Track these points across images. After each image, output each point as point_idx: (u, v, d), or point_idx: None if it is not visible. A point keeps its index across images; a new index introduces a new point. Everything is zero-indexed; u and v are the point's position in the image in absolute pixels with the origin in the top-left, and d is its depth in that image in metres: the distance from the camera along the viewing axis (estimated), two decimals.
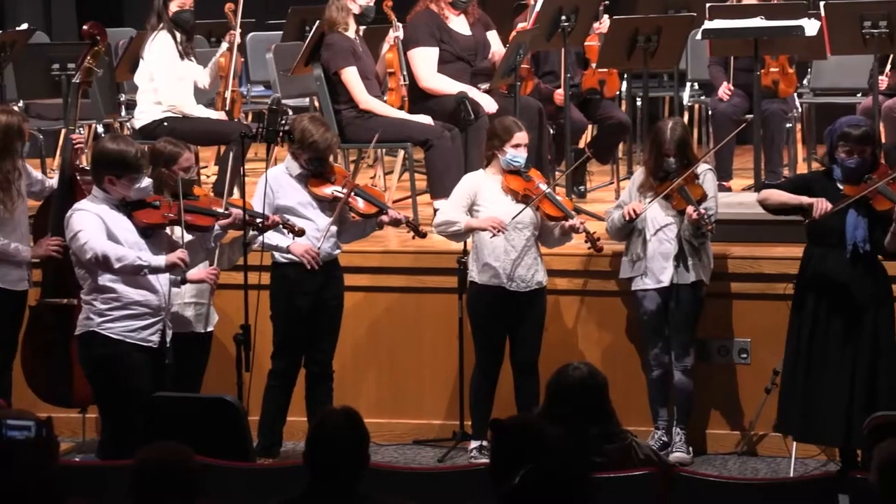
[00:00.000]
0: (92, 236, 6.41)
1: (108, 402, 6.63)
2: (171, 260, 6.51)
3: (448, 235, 7.57)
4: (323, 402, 7.38)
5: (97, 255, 6.39)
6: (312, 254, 7.24)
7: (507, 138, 7.51)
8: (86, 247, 6.40)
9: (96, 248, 6.40)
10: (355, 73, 8.67)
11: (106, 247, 6.43)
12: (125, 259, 6.43)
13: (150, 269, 6.48)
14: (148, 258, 6.47)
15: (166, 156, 7.02)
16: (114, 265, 6.41)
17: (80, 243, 6.41)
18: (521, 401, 7.53)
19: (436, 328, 8.02)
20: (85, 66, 7.64)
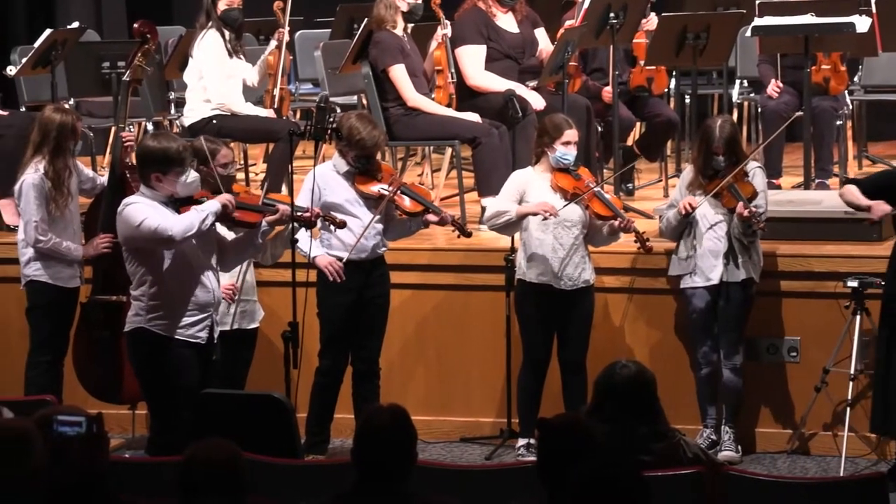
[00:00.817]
0: (159, 218, 6.41)
1: (157, 399, 6.65)
2: (222, 200, 6.54)
3: (499, 227, 7.54)
4: (370, 399, 7.39)
5: (178, 231, 6.40)
6: (336, 266, 7.25)
7: (557, 136, 7.50)
8: (160, 229, 6.40)
9: (173, 225, 6.40)
10: (403, 70, 8.67)
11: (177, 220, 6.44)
12: (193, 220, 6.44)
13: (212, 213, 6.50)
14: (202, 206, 6.50)
15: (204, 153, 7.04)
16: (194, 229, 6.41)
17: (153, 228, 6.41)
18: (569, 399, 7.52)
19: (483, 326, 8.02)
20: (135, 64, 7.68)
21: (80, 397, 7.55)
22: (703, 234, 7.55)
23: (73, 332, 7.59)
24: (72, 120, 7.38)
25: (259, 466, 5.34)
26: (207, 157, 6.98)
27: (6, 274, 8.08)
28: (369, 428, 4.50)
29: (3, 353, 8.24)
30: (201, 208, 6.49)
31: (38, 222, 7.33)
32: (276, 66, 9.12)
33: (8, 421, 4.47)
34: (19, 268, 7.51)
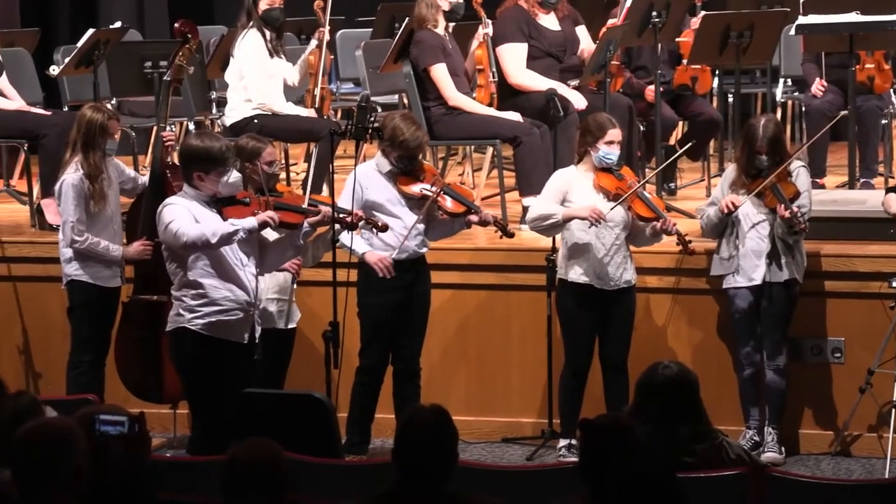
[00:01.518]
0: (182, 223, 6.47)
1: (198, 398, 6.68)
2: (262, 218, 6.55)
3: (543, 229, 7.53)
4: (411, 399, 7.39)
5: (192, 238, 6.44)
6: (386, 262, 7.26)
7: (600, 135, 7.48)
8: (179, 233, 6.45)
9: (189, 232, 6.45)
10: (444, 69, 8.67)
11: (198, 228, 6.48)
12: (218, 231, 6.47)
13: (245, 230, 6.51)
14: (239, 222, 6.52)
15: (249, 151, 7.07)
16: (211, 240, 6.45)
17: (173, 232, 6.47)
18: (611, 399, 7.50)
19: (525, 326, 8.01)
20: (176, 63, 7.71)
21: (122, 397, 7.59)
22: (745, 233, 7.52)
23: (114, 332, 7.63)
24: (102, 118, 7.40)
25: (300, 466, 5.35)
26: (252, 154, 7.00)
27: (48, 273, 8.13)
28: (411, 428, 4.51)
29: (45, 352, 8.29)
30: (237, 223, 6.51)
31: (75, 223, 7.36)
32: (317, 66, 9.13)
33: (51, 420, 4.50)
34: (61, 267, 7.55)
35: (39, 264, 8.28)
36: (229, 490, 4.32)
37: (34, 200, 8.81)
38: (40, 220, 8.62)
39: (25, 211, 8.98)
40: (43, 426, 4.26)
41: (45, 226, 8.57)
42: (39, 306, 8.29)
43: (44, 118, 8.75)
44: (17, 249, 8.38)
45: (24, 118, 8.74)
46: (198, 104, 9.74)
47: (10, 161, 9.84)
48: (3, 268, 8.36)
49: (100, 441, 4.27)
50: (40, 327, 8.31)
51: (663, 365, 5.48)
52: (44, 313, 8.27)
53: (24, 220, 8.88)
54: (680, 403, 5.37)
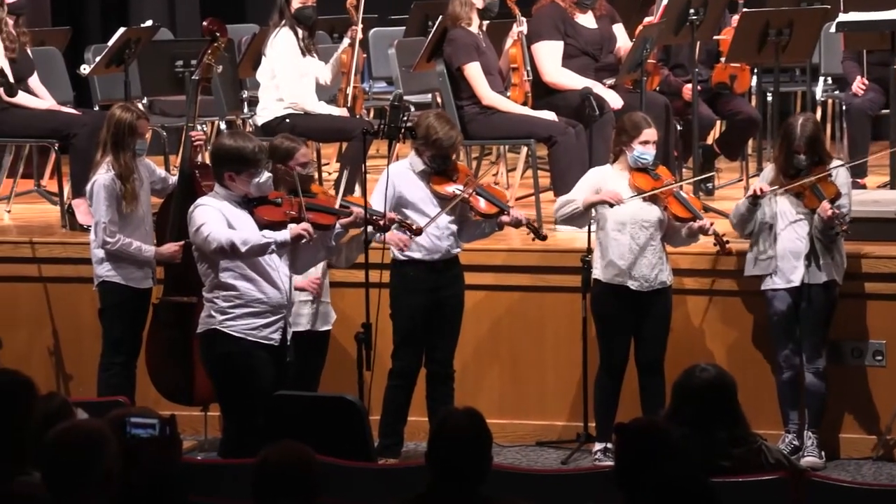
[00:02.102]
0: (214, 227, 6.49)
1: (230, 401, 6.70)
2: (296, 231, 6.56)
3: (566, 218, 7.52)
4: (444, 401, 7.39)
5: (221, 244, 6.45)
6: (404, 240, 7.24)
7: (635, 134, 7.47)
8: (209, 238, 6.47)
9: (220, 237, 6.47)
10: (478, 68, 8.67)
11: (229, 234, 6.50)
12: (250, 241, 6.48)
13: (277, 244, 6.52)
14: (272, 234, 6.52)
15: (282, 151, 7.08)
16: (241, 249, 6.46)
17: (204, 236, 6.49)
18: (647, 402, 7.49)
19: (559, 327, 8.00)
20: (205, 62, 7.73)
21: (153, 399, 7.61)
22: (782, 233, 7.49)
23: (145, 334, 7.65)
24: (131, 117, 7.42)
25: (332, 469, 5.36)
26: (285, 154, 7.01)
27: (80, 274, 8.16)
28: (444, 431, 4.51)
29: (76, 354, 8.33)
30: (269, 235, 6.52)
31: (107, 224, 7.39)
32: (350, 65, 9.14)
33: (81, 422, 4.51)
34: (92, 268, 7.58)
35: (70, 265, 8.31)
36: (260, 493, 4.33)
37: (65, 201, 8.85)
38: (71, 220, 8.65)
39: (56, 211, 9.02)
40: (74, 428, 4.28)
41: (75, 226, 8.60)
42: (70, 308, 8.33)
43: (74, 118, 8.79)
44: (47, 250, 8.42)
45: (55, 118, 8.78)
46: (229, 103, 9.75)
47: (41, 161, 9.88)
48: (33, 269, 8.40)
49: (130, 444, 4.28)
50: (71, 329, 8.35)
51: (700, 367, 5.46)
52: (75, 315, 8.31)
53: (54, 221, 8.92)
54: (717, 407, 5.35)
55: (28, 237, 8.53)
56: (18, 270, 8.40)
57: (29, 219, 9.20)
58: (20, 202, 9.46)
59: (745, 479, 5.20)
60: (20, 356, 7.99)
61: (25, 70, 8.88)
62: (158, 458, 4.31)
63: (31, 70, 8.96)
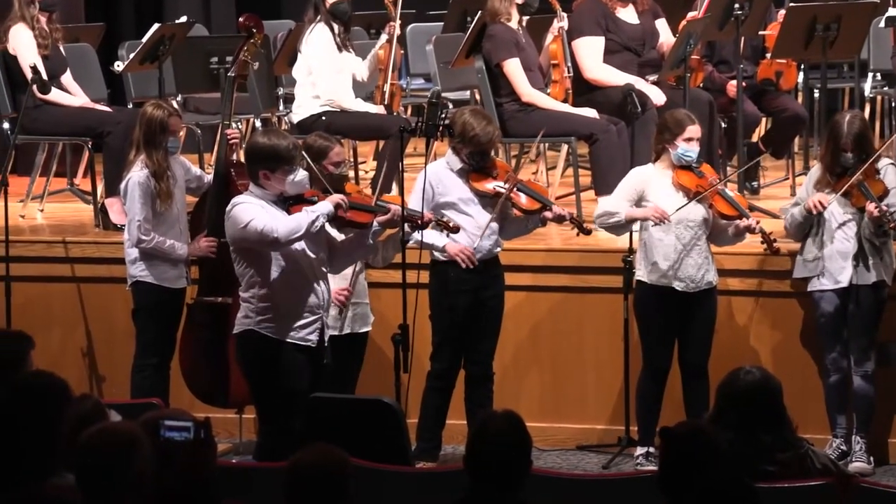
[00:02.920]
0: (266, 220, 6.46)
1: (266, 403, 6.71)
2: (335, 200, 6.57)
3: (608, 227, 7.52)
4: (483, 404, 7.39)
5: (283, 234, 6.44)
6: (468, 252, 7.25)
7: (678, 131, 7.44)
8: (265, 230, 6.46)
9: (278, 227, 6.45)
10: (518, 64, 8.66)
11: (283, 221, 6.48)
12: (301, 220, 6.47)
13: (324, 214, 6.52)
14: (315, 208, 6.54)
15: (316, 150, 7.08)
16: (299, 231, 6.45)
17: (259, 230, 6.46)
18: (690, 406, 7.46)
19: (600, 329, 7.98)
20: (241, 59, 7.75)
21: (187, 401, 7.64)
22: (831, 234, 7.45)
23: (180, 334, 7.68)
24: (163, 115, 7.45)
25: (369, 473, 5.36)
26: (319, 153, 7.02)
27: (112, 274, 8.19)
28: (483, 434, 4.50)
29: (109, 355, 8.36)
30: (312, 209, 6.53)
31: (142, 222, 7.41)
32: (387, 61, 9.15)
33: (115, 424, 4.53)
34: (126, 268, 7.60)
35: (103, 265, 8.35)
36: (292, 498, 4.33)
37: (98, 199, 8.89)
38: (104, 219, 8.69)
39: (89, 210, 9.06)
40: (107, 431, 4.29)
41: (109, 225, 8.64)
42: (103, 308, 8.37)
43: (108, 115, 8.84)
44: (80, 250, 8.45)
45: (88, 115, 8.83)
46: (264, 101, 9.78)
47: (74, 159, 9.92)
48: (66, 268, 8.44)
49: (164, 447, 4.30)
50: (104, 329, 8.38)
51: (745, 370, 5.45)
52: (108, 315, 8.34)
53: (87, 220, 8.96)
54: (763, 410, 5.33)
55: (61, 236, 8.57)
56: (51, 270, 8.44)
57: (62, 218, 9.24)
58: (53, 201, 9.51)
59: (791, 485, 5.18)
60: (53, 357, 8.02)
61: (59, 67, 8.94)
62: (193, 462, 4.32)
63: (65, 67, 9.01)
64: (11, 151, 8.81)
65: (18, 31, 8.80)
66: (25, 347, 5.34)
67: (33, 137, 9.05)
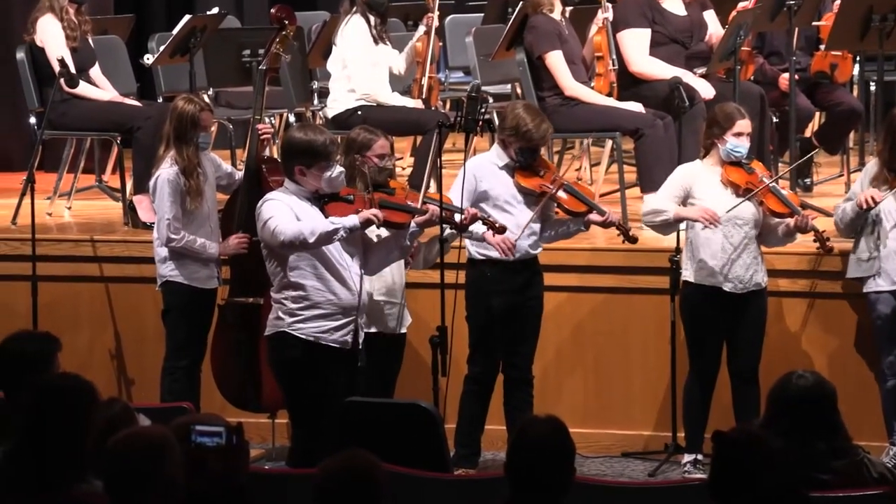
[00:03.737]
0: (281, 220, 6.50)
1: (299, 407, 6.72)
2: (365, 216, 6.55)
3: (655, 226, 7.50)
4: (523, 409, 7.39)
5: (288, 237, 6.46)
6: (509, 243, 7.23)
7: (727, 126, 7.41)
8: (276, 232, 6.49)
9: (287, 230, 6.48)
10: (561, 57, 8.64)
11: (296, 226, 6.50)
12: (317, 229, 6.49)
13: (346, 229, 6.52)
14: (340, 220, 6.53)
15: (359, 143, 7.08)
16: (309, 240, 6.47)
17: (271, 230, 6.51)
18: (740, 411, 7.43)
19: (646, 331, 7.96)
20: (272, 51, 7.76)
21: (217, 405, 7.66)
22: (887, 233, 7.41)
23: (211, 336, 7.69)
24: (194, 109, 7.46)
25: (406, 480, 5.36)
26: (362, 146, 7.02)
27: (142, 274, 8.22)
28: (525, 440, 4.49)
29: (138, 357, 8.38)
30: (336, 221, 6.53)
31: (171, 220, 7.43)
32: (425, 54, 9.15)
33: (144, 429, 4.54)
34: (155, 267, 7.63)
35: (132, 264, 8.38)
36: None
37: (127, 197, 8.92)
38: (133, 217, 8.72)
39: (118, 208, 9.10)
40: (136, 435, 4.31)
41: (138, 224, 8.67)
42: (132, 309, 8.39)
43: (137, 110, 8.87)
44: (109, 249, 8.49)
45: (117, 110, 8.86)
46: (298, 95, 9.79)
47: (103, 155, 9.97)
48: (94, 268, 8.48)
49: (195, 453, 4.30)
50: (133, 331, 8.41)
51: (798, 374, 5.42)
52: (137, 316, 8.37)
53: (116, 218, 8.99)
54: (816, 416, 5.30)
55: (89, 235, 8.60)
56: (79, 270, 8.47)
57: (90, 216, 9.28)
58: (81, 198, 9.56)
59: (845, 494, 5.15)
60: (80, 359, 8.06)
61: (87, 60, 8.98)
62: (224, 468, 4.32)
63: (93, 60, 9.05)
64: (38, 147, 8.87)
65: (46, 23, 8.84)
66: (52, 349, 5.37)
67: (61, 133, 9.10)
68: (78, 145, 9.66)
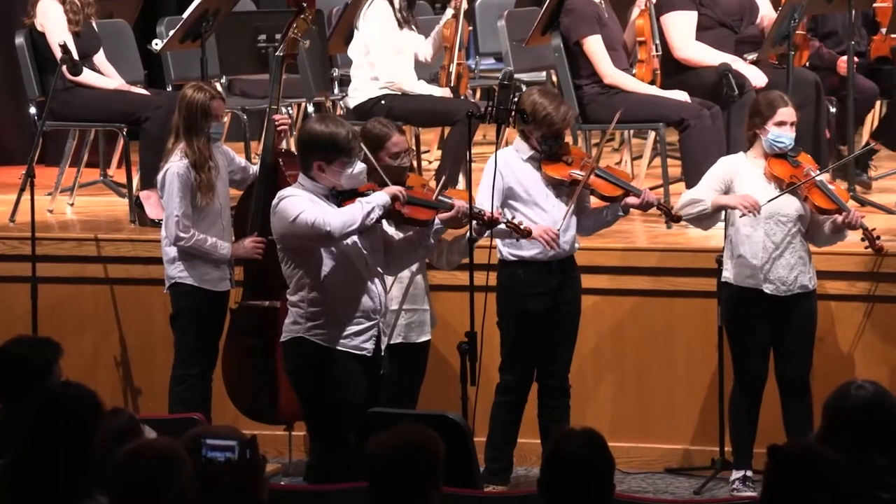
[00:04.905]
0: (317, 212, 6.42)
1: (318, 418, 6.72)
2: (392, 192, 6.54)
3: (693, 218, 7.47)
4: (559, 421, 7.38)
5: (336, 226, 6.39)
6: (553, 233, 7.20)
7: (769, 115, 7.39)
8: (318, 223, 6.41)
9: (332, 220, 6.40)
10: (600, 42, 8.63)
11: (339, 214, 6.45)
12: (357, 213, 6.44)
13: (380, 206, 6.49)
14: (370, 198, 6.50)
15: (372, 138, 7.06)
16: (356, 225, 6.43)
17: (310, 223, 6.42)
18: (792, 425, 7.41)
19: (691, 337, 7.95)
20: (290, 37, 7.76)
21: (231, 416, 7.67)
22: None
23: (223, 342, 7.70)
24: (205, 98, 7.45)
25: None
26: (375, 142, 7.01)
27: (149, 275, 8.24)
28: (560, 454, 4.48)
29: (145, 364, 8.40)
30: (366, 200, 6.51)
31: (180, 217, 7.43)
32: (453, 39, 9.14)
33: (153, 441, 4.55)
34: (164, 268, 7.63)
35: (139, 265, 8.40)
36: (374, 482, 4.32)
37: (133, 192, 8.94)
38: (140, 214, 8.74)
39: (124, 204, 9.12)
40: (144, 448, 4.31)
41: (145, 221, 8.69)
42: (139, 313, 8.41)
43: (145, 99, 8.88)
44: (114, 248, 8.50)
45: (123, 99, 8.87)
46: (317, 83, 9.79)
47: (108, 148, 9.98)
48: (98, 269, 8.49)
49: (207, 468, 4.31)
50: (140, 336, 8.43)
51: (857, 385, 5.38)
52: (144, 320, 8.39)
53: (122, 215, 9.02)
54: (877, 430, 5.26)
55: (93, 233, 8.62)
56: (82, 271, 8.49)
57: (94, 213, 9.31)
58: (84, 194, 9.58)
59: None
60: (84, 366, 8.09)
61: (91, 46, 9.00)
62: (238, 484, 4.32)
63: (98, 46, 9.07)
64: (39, 139, 8.88)
65: (47, 6, 8.86)
66: (53, 355, 5.38)
67: (63, 124, 9.11)
68: (81, 137, 9.69)
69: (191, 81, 8.07)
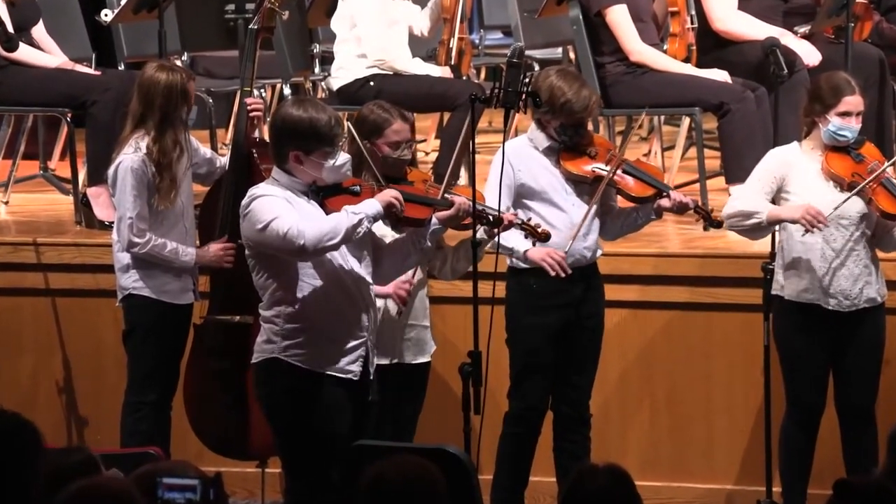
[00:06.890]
0: (291, 220, 6.41)
1: (295, 452, 6.72)
2: (386, 199, 6.52)
3: (744, 231, 7.48)
4: (578, 455, 7.42)
5: (311, 240, 6.38)
6: (558, 257, 7.22)
7: (832, 102, 7.39)
8: (290, 235, 6.41)
9: (307, 232, 6.39)
10: (625, 13, 8.65)
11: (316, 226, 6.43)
12: (340, 225, 6.42)
13: (369, 218, 6.48)
14: (359, 207, 6.49)
15: (370, 125, 7.07)
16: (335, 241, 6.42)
17: (281, 234, 6.42)
18: (853, 459, 7.44)
19: (733, 358, 8.00)
20: (265, 6, 7.77)
21: (194, 450, 7.68)
22: None
23: (184, 364, 7.70)
24: (181, 79, 7.47)
25: None
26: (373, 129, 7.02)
27: (98, 285, 8.27)
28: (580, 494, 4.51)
29: (94, 390, 8.43)
30: (355, 209, 6.49)
31: (135, 219, 7.44)
32: (454, 10, 9.15)
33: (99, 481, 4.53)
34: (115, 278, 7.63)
35: (86, 273, 8.42)
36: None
37: (80, 189, 8.94)
38: (87, 215, 8.75)
39: (68, 203, 9.13)
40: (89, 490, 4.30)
41: (93, 223, 8.70)
42: (86, 329, 8.43)
43: (93, 80, 8.89)
44: (56, 254, 8.51)
45: (68, 79, 8.88)
46: (296, 62, 9.81)
47: (49, 137, 10.00)
48: (38, 278, 8.50)
49: None
50: (88, 357, 8.45)
51: None
52: (92, 339, 8.41)
53: (66, 216, 9.03)
54: None
55: (32, 237, 8.64)
56: (19, 280, 8.51)
57: (33, 213, 9.33)
58: (21, 190, 9.60)
59: None
60: (22, 393, 8.11)
61: (29, 16, 9.00)
62: None
63: (37, 16, 9.07)
64: None
65: None
66: None
67: None
68: (17, 124, 9.70)
69: (146, 59, 8.07)
